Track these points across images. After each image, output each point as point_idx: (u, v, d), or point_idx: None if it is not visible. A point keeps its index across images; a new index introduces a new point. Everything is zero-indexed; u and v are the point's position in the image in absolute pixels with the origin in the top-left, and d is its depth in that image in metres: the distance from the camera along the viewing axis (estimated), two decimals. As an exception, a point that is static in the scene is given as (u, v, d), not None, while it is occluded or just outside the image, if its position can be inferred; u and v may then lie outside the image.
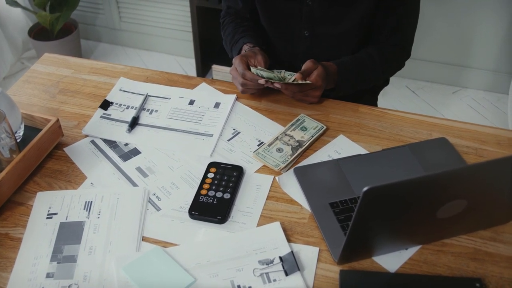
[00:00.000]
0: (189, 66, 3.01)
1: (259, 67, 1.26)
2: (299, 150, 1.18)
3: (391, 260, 0.97)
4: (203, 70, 2.87)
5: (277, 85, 1.23)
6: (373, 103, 1.60)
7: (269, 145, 1.19)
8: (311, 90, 1.27)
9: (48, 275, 0.94)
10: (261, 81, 1.21)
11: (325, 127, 1.24)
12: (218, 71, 2.83)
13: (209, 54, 2.83)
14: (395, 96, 2.74)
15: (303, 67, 1.26)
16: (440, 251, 0.99)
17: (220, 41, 3.04)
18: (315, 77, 1.24)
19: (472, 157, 1.17)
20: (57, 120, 1.19)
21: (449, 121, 1.27)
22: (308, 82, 1.23)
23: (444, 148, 1.19)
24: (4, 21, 2.80)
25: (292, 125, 1.25)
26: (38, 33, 2.85)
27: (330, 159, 1.17)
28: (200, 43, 2.74)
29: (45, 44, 2.78)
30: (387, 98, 2.72)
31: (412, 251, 0.98)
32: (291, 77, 1.26)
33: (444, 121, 1.27)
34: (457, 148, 1.19)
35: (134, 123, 1.26)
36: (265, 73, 1.22)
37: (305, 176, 1.12)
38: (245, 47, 1.37)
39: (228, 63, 2.70)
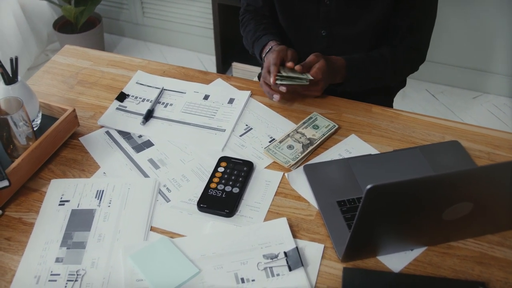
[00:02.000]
0: (210, 63, 3.04)
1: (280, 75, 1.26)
2: (310, 148, 1.19)
3: (396, 260, 0.97)
4: (223, 67, 2.89)
5: (276, 96, 1.26)
6: (389, 105, 1.60)
7: (280, 142, 1.20)
8: (311, 85, 1.26)
9: (58, 260, 0.97)
10: (283, 89, 1.24)
11: (337, 126, 1.24)
12: (238, 68, 2.85)
13: (230, 51, 2.85)
14: (415, 100, 2.72)
15: (306, 60, 1.26)
16: (445, 253, 0.98)
17: (240, 38, 3.06)
18: (315, 71, 1.24)
19: (484, 161, 1.17)
20: (74, 110, 1.21)
21: (462, 125, 1.26)
22: (309, 77, 1.24)
23: (456, 151, 1.18)
24: (30, 14, 2.86)
25: (304, 123, 1.25)
26: (63, 26, 2.91)
27: (341, 158, 1.17)
28: (221, 40, 2.75)
29: (69, 37, 2.83)
30: (407, 101, 2.70)
31: (417, 252, 0.98)
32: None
33: (458, 124, 1.26)
34: (470, 152, 1.18)
35: (149, 115, 1.28)
36: (286, 80, 1.24)
37: (314, 173, 1.13)
38: (272, 44, 1.36)
39: (248, 61, 2.74)
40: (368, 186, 0.76)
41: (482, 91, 2.74)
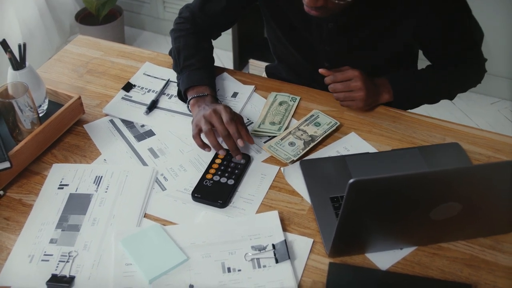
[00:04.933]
0: (227, 60, 3.05)
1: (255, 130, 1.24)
2: (311, 145, 1.19)
3: (384, 258, 0.97)
4: (240, 64, 2.91)
5: (222, 152, 1.14)
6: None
7: (281, 139, 1.21)
8: (351, 83, 1.22)
9: (52, 241, 0.99)
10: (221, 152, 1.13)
11: (338, 123, 1.24)
12: (255, 65, 2.86)
13: (247, 48, 2.87)
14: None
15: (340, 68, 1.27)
16: (435, 254, 0.98)
17: (258, 35, 3.05)
18: (348, 68, 1.23)
19: (483, 164, 1.15)
20: (79, 98, 1.24)
21: (464, 127, 1.25)
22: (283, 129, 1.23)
23: (455, 153, 1.17)
24: (53, 5, 2.92)
25: (306, 120, 1.26)
26: (85, 18, 2.96)
27: (339, 155, 1.18)
28: (239, 37, 2.77)
29: (90, 28, 2.88)
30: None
31: (406, 251, 0.98)
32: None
33: (460, 126, 1.25)
34: (469, 154, 1.17)
35: (152, 106, 1.30)
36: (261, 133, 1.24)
37: (310, 169, 1.13)
38: (207, 92, 1.23)
39: (265, 58, 2.75)
40: (351, 181, 0.76)
41: (500, 97, 2.70)
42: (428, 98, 1.38)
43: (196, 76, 1.27)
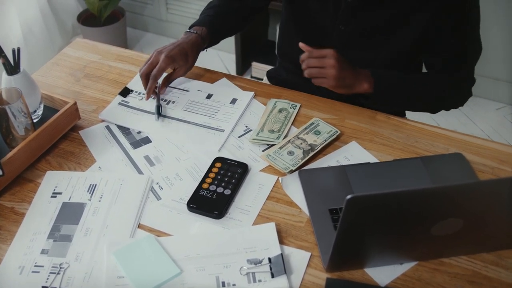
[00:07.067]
0: (231, 62, 3.03)
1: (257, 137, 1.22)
2: (311, 154, 1.16)
3: (383, 274, 0.94)
4: (243, 67, 2.88)
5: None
6: (401, 114, 1.54)
7: (280, 148, 1.18)
8: (325, 59, 1.19)
9: (43, 252, 0.97)
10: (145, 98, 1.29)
11: (339, 132, 1.22)
12: (258, 68, 2.84)
13: (250, 51, 2.84)
14: (435, 108, 2.65)
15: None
16: (436, 270, 0.95)
17: (262, 38, 3.04)
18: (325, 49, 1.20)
19: (487, 176, 1.12)
20: (75, 103, 1.22)
21: (468, 137, 1.22)
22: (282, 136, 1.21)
23: (459, 164, 1.14)
24: (55, 6, 2.90)
25: (305, 128, 1.23)
26: (87, 19, 2.94)
27: (339, 164, 1.15)
28: (242, 39, 2.75)
29: (92, 30, 2.86)
30: (427, 109, 2.64)
31: (406, 266, 0.95)
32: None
33: (463, 136, 1.22)
34: (473, 165, 1.14)
35: (159, 110, 1.27)
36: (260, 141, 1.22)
37: (309, 179, 1.11)
38: (197, 29, 1.36)
39: (268, 61, 2.72)
40: (348, 197, 0.74)
41: (505, 102, 2.67)
42: (409, 100, 1.32)
43: (204, 19, 1.38)
